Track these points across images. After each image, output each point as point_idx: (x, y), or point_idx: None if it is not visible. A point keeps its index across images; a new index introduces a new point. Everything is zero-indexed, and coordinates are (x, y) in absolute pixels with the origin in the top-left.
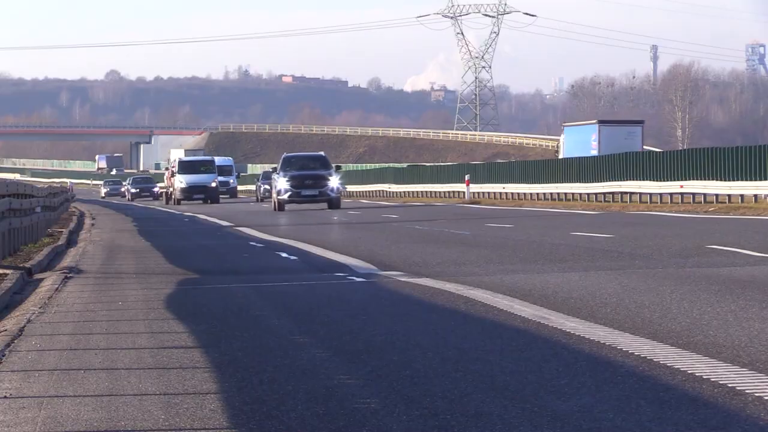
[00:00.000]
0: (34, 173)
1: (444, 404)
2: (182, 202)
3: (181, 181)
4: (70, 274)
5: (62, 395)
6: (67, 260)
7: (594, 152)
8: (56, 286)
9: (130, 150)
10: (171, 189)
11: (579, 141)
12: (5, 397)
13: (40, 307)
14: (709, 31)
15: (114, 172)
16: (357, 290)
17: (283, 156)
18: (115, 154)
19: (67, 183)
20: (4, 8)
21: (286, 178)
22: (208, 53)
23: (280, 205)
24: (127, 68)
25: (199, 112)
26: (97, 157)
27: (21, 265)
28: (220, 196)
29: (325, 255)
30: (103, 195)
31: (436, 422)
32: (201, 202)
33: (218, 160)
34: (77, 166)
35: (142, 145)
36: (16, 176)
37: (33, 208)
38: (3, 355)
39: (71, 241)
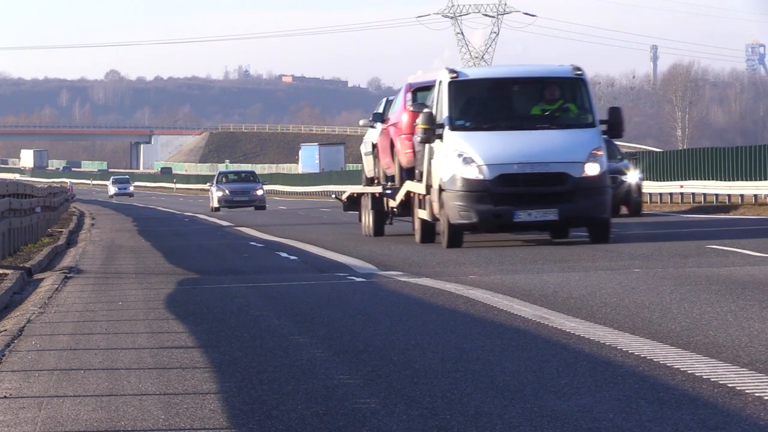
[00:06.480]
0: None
1: (444, 404)
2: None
3: (470, 156)
4: (70, 274)
5: (62, 395)
6: (67, 260)
7: (317, 164)
8: (56, 286)
9: (131, 150)
10: (381, 183)
11: (309, 156)
12: (5, 397)
13: (40, 307)
14: (709, 31)
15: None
16: (357, 290)
17: None
18: None
19: (67, 183)
20: (4, 8)
21: None
22: (208, 53)
23: None
24: (127, 68)
25: (199, 112)
26: None
27: (21, 265)
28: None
29: (325, 255)
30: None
31: (436, 422)
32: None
33: None
34: None
35: (142, 145)
36: (16, 176)
37: (33, 208)
38: (3, 355)
39: (71, 241)
